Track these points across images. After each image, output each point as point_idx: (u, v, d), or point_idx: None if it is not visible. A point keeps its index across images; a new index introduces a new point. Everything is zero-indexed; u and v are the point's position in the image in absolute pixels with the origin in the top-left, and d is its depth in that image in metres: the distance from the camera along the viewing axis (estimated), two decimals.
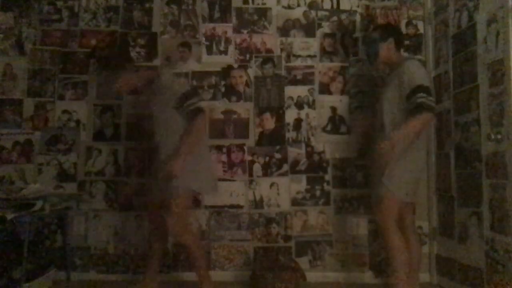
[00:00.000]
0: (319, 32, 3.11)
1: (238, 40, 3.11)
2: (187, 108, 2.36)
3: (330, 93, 3.07)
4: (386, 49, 2.48)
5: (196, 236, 2.74)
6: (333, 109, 3.06)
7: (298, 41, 3.11)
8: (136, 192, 2.96)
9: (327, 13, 3.13)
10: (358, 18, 3.11)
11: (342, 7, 3.13)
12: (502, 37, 2.15)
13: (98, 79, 3.03)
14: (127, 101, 3.01)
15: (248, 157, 3.03)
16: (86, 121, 3.04)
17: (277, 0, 3.13)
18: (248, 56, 3.09)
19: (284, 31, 3.12)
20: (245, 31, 3.11)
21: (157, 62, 3.08)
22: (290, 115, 3.06)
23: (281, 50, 3.10)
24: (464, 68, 2.53)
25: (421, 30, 3.08)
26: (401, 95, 2.30)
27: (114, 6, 3.12)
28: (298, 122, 3.06)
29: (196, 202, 2.99)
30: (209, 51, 3.10)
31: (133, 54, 3.08)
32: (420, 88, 2.23)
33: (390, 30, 2.55)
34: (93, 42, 3.09)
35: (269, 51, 3.10)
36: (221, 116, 3.06)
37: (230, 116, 3.06)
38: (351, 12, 3.12)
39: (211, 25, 3.12)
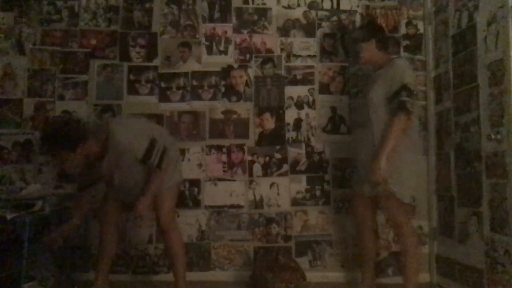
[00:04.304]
0: (319, 32, 3.11)
1: (238, 40, 3.11)
2: (152, 165, 2.31)
3: (330, 93, 3.07)
4: (367, 49, 2.53)
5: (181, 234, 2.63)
6: (333, 109, 3.06)
7: (298, 41, 3.11)
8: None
9: (327, 13, 3.13)
10: (358, 18, 3.11)
11: (342, 7, 3.13)
12: (502, 37, 2.15)
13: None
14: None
15: (248, 157, 3.03)
16: (86, 121, 3.04)
17: (277, 0, 3.13)
18: (248, 56, 3.09)
19: (284, 31, 3.12)
20: (245, 31, 3.11)
21: (157, 62, 3.08)
22: (290, 115, 3.06)
23: (281, 50, 3.10)
24: (464, 68, 2.53)
25: (421, 30, 3.08)
26: (387, 92, 2.36)
27: (114, 6, 3.12)
28: (298, 122, 3.06)
29: (196, 202, 3.00)
30: (209, 51, 3.10)
31: (133, 54, 3.08)
32: (404, 88, 2.29)
33: (373, 30, 2.58)
34: (93, 42, 3.09)
35: (269, 51, 3.10)
36: (221, 116, 3.06)
37: (230, 116, 3.06)
38: (351, 12, 3.12)
39: (211, 25, 3.12)
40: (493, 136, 2.19)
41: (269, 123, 3.05)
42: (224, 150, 3.03)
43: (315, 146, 3.04)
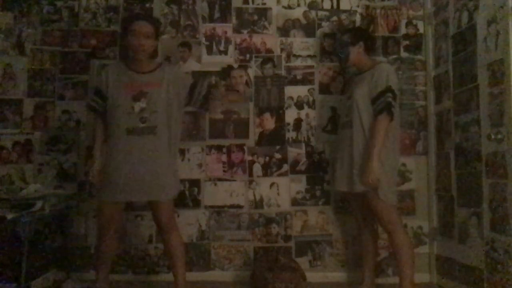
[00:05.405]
0: (319, 32, 3.11)
1: (238, 40, 3.11)
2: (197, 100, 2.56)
3: (330, 93, 3.07)
4: (355, 52, 2.59)
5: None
6: (333, 109, 3.06)
7: (298, 41, 3.11)
8: None
9: (327, 13, 3.13)
10: (358, 18, 3.12)
11: (342, 7, 3.13)
12: (502, 37, 2.15)
13: None
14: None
15: (248, 157, 3.03)
16: (86, 121, 3.04)
17: (277, 0, 3.13)
18: (248, 56, 3.09)
19: (284, 31, 3.12)
20: (245, 31, 3.11)
21: None
22: (290, 115, 3.06)
23: (281, 50, 3.10)
24: (464, 68, 2.53)
25: (421, 30, 3.08)
26: (372, 93, 2.42)
27: (114, 6, 3.12)
28: (298, 122, 3.06)
29: (196, 202, 3.00)
30: (209, 51, 3.10)
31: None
32: (389, 90, 2.37)
33: (360, 34, 2.66)
34: (93, 42, 3.09)
35: (269, 51, 3.10)
36: (221, 116, 3.06)
37: (230, 116, 3.06)
38: (351, 12, 3.13)
39: (211, 25, 3.12)
40: (493, 136, 2.19)
41: (269, 123, 3.05)
42: (224, 150, 3.03)
43: (315, 146, 3.04)
